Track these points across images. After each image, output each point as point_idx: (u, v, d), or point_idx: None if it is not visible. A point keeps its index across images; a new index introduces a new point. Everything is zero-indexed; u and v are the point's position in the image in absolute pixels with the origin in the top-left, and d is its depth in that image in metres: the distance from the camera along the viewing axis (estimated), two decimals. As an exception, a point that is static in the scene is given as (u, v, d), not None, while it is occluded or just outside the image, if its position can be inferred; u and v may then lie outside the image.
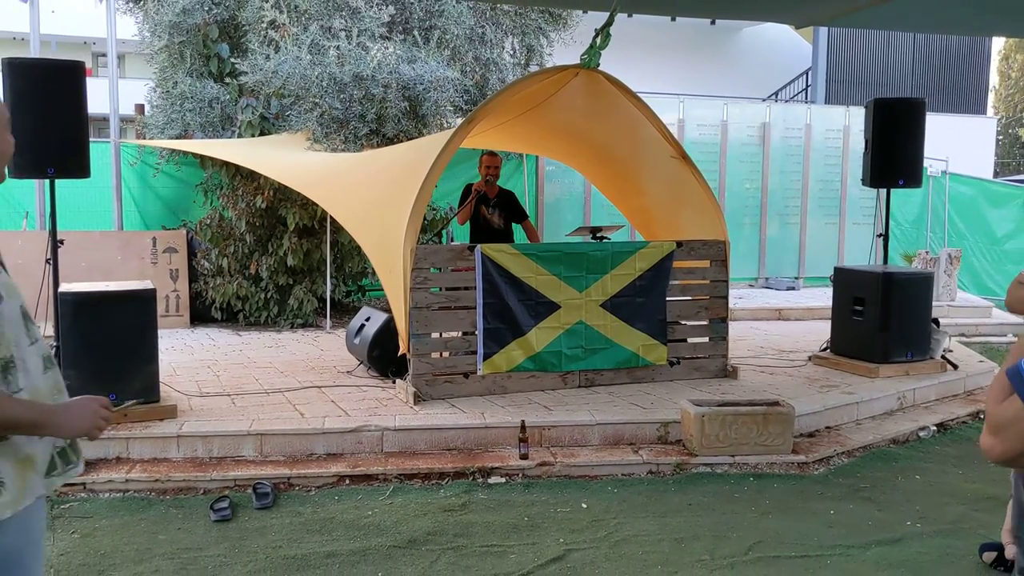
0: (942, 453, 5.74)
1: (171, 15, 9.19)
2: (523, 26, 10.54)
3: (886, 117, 7.16)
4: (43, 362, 2.05)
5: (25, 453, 1.95)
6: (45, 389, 2.03)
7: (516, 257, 6.03)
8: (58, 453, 2.05)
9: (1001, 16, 7.11)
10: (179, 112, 9.21)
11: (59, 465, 2.05)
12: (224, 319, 9.40)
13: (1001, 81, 37.80)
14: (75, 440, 2.11)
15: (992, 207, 13.72)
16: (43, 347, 2.06)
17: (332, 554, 4.01)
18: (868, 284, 6.98)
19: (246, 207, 9.04)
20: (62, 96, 5.28)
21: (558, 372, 6.23)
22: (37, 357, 2.03)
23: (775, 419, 5.34)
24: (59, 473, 2.05)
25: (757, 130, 12.53)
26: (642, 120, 6.55)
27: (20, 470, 1.93)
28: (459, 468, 5.01)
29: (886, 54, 20.81)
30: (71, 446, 2.11)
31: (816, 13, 7.67)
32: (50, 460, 2.03)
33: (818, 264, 12.75)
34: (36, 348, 2.02)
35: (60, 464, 2.05)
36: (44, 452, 2.01)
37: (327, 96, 8.35)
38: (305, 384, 6.39)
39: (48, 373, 2.05)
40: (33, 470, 1.97)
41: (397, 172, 6.39)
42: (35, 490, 1.97)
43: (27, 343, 1.99)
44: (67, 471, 2.08)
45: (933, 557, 4.07)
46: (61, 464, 2.06)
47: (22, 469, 1.94)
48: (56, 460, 2.04)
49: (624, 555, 4.06)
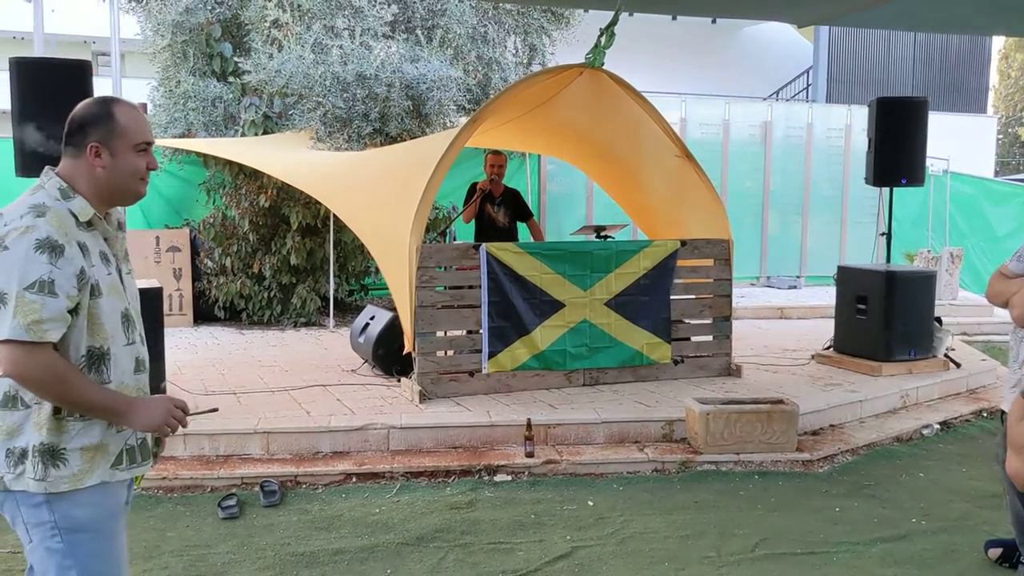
0: (945, 451, 5.76)
1: (174, 14, 9.21)
2: (525, 25, 10.55)
3: (889, 116, 7.17)
4: (136, 363, 2.25)
5: (100, 440, 2.14)
6: (133, 388, 2.23)
7: (521, 256, 6.05)
8: (127, 450, 2.22)
9: (1002, 15, 7.12)
10: (182, 111, 9.22)
11: (125, 461, 2.22)
12: (227, 318, 9.42)
13: (1001, 80, 37.85)
14: (147, 440, 2.29)
15: (993, 206, 13.74)
16: (139, 350, 2.26)
17: (340, 551, 4.03)
18: (871, 283, 7.00)
19: (249, 206, 9.06)
20: (69, 95, 5.27)
21: (563, 371, 6.25)
22: (131, 357, 2.23)
23: (779, 417, 5.36)
24: (124, 468, 2.22)
25: (759, 129, 12.55)
26: (645, 119, 6.57)
27: (89, 453, 2.12)
28: (465, 466, 5.03)
29: (887, 53, 20.83)
30: (141, 447, 2.27)
31: (818, 12, 7.69)
32: (119, 453, 2.20)
33: (820, 263, 12.77)
34: (131, 349, 2.23)
35: (127, 460, 2.23)
36: (116, 444, 2.19)
37: (330, 95, 8.36)
38: (310, 383, 6.41)
39: (138, 375, 2.26)
40: (102, 457, 2.15)
41: (402, 171, 6.41)
42: (100, 475, 2.15)
43: (123, 342, 2.20)
44: (131, 468, 2.25)
45: (938, 554, 4.09)
46: (127, 460, 2.23)
47: (91, 453, 2.13)
48: (124, 456, 2.22)
49: (631, 552, 4.07)
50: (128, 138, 2.17)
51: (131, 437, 2.22)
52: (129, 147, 2.18)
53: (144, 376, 2.30)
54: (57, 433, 2.07)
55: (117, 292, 2.18)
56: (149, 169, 2.22)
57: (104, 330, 2.13)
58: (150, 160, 2.23)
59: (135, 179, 2.21)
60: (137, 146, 2.19)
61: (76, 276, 2.04)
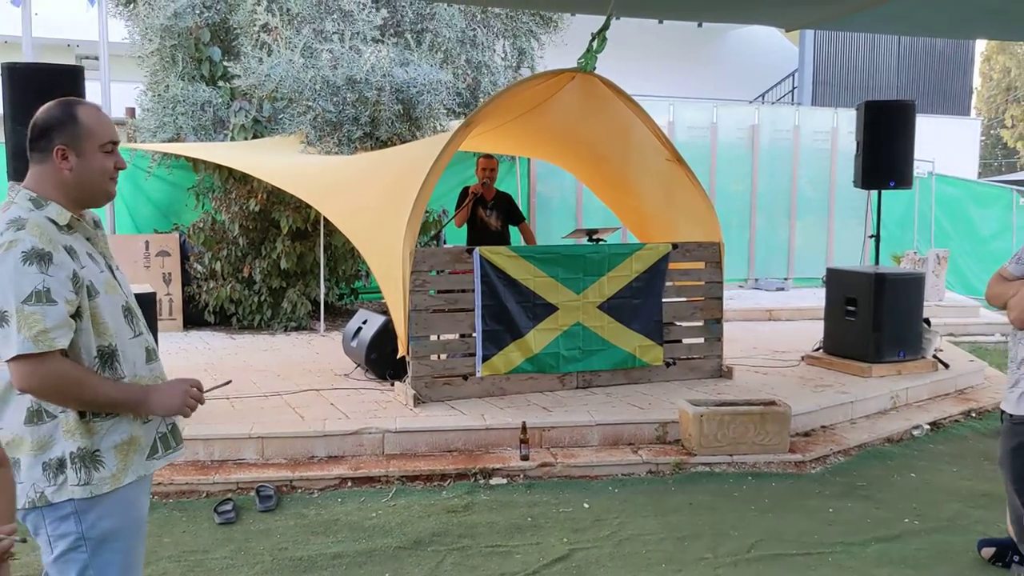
0: (936, 451, 5.81)
1: (162, 18, 9.17)
2: (514, 29, 10.59)
3: (877, 119, 7.24)
4: (146, 353, 2.28)
5: (131, 435, 2.16)
6: (148, 378, 2.25)
7: (514, 259, 6.06)
8: (160, 438, 2.25)
9: (985, 19, 7.19)
10: (171, 115, 9.18)
11: (160, 449, 2.25)
12: (217, 323, 9.39)
13: (983, 82, 38.16)
14: (176, 427, 2.32)
15: (977, 207, 13.87)
16: (147, 340, 2.28)
17: (338, 555, 4.03)
18: (860, 284, 7.06)
19: (239, 210, 9.04)
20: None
21: (556, 373, 6.27)
22: (140, 348, 2.25)
23: (772, 418, 5.39)
24: (160, 456, 2.25)
25: (746, 132, 12.63)
26: (636, 123, 6.60)
27: (123, 450, 2.14)
28: (461, 469, 5.04)
29: (872, 56, 20.98)
30: (172, 432, 2.30)
31: (805, 16, 7.74)
32: (153, 443, 2.22)
33: (807, 265, 12.85)
34: (139, 340, 2.24)
35: (161, 448, 2.26)
36: (148, 435, 2.21)
37: (320, 99, 8.36)
38: (303, 387, 6.40)
39: (151, 364, 2.29)
40: (136, 451, 2.17)
41: (395, 175, 6.41)
42: (136, 470, 2.17)
43: (129, 335, 2.21)
44: (167, 455, 2.28)
45: (932, 553, 4.13)
46: (162, 448, 2.26)
47: (125, 449, 2.15)
48: (158, 444, 2.24)
49: (628, 554, 4.10)
50: (94, 139, 2.16)
51: (160, 425, 2.25)
52: (96, 147, 2.16)
53: (157, 364, 2.32)
54: (88, 436, 2.09)
55: (113, 288, 2.19)
56: (117, 168, 2.22)
57: (109, 328, 2.14)
58: (117, 160, 2.22)
59: (104, 179, 2.19)
60: (103, 146, 2.18)
61: (70, 280, 2.05)
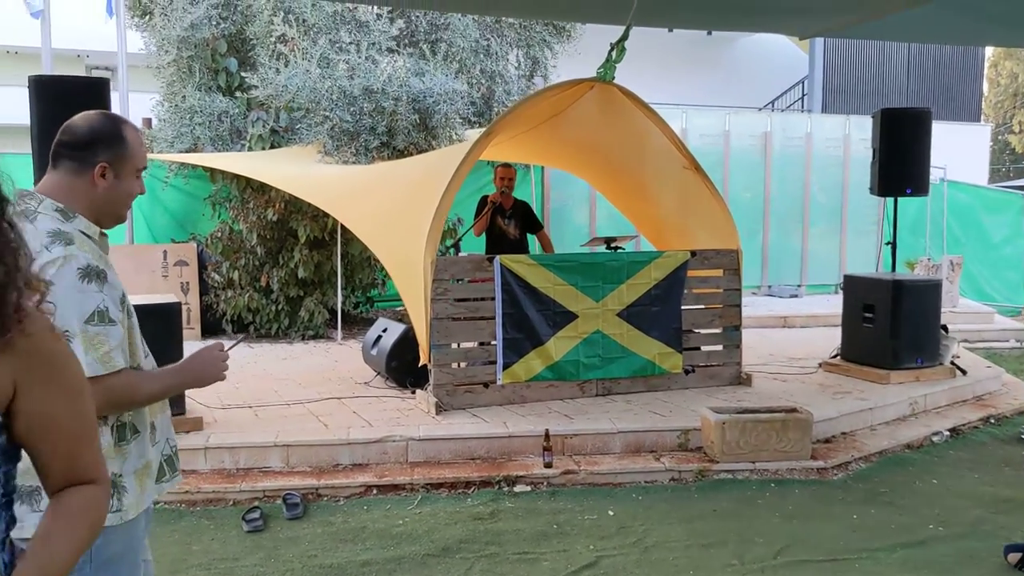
0: (956, 457, 5.82)
1: (179, 30, 9.25)
2: (528, 38, 10.63)
3: (893, 127, 7.27)
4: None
5: (145, 460, 2.07)
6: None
7: (534, 267, 6.10)
8: (165, 460, 2.17)
9: (994, 26, 7.21)
10: (188, 126, 9.26)
11: (167, 472, 2.17)
12: (235, 331, 9.43)
13: (991, 88, 38.14)
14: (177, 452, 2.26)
15: (989, 214, 13.86)
16: (152, 361, 2.24)
17: (368, 563, 4.06)
18: (878, 291, 7.07)
19: (257, 220, 9.10)
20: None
21: (576, 381, 6.30)
22: (151, 367, 2.23)
23: (794, 425, 5.41)
24: (168, 479, 2.18)
25: (759, 139, 12.65)
26: (653, 131, 6.64)
27: (140, 475, 2.05)
28: (485, 477, 5.08)
29: (882, 63, 21.00)
30: (175, 454, 2.24)
31: (819, 25, 7.78)
32: (160, 466, 2.15)
33: (820, 272, 12.86)
34: (149, 361, 2.21)
35: (168, 471, 2.18)
36: (156, 458, 2.13)
37: (337, 109, 8.42)
38: (324, 395, 6.44)
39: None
40: (148, 476, 2.09)
41: (414, 185, 6.47)
42: (150, 495, 2.09)
43: (144, 353, 2.18)
44: (173, 478, 2.21)
45: (957, 559, 4.15)
46: (168, 471, 2.18)
47: (141, 475, 2.06)
48: (164, 467, 2.16)
49: (655, 561, 4.12)
50: (134, 162, 2.10)
51: (164, 447, 2.17)
52: (133, 171, 2.10)
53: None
54: (120, 460, 2.01)
55: (133, 310, 2.14)
56: (139, 193, 2.16)
57: (137, 349, 2.10)
58: (142, 185, 2.16)
59: (128, 203, 2.14)
60: (138, 171, 2.12)
61: (120, 301, 2.01)
